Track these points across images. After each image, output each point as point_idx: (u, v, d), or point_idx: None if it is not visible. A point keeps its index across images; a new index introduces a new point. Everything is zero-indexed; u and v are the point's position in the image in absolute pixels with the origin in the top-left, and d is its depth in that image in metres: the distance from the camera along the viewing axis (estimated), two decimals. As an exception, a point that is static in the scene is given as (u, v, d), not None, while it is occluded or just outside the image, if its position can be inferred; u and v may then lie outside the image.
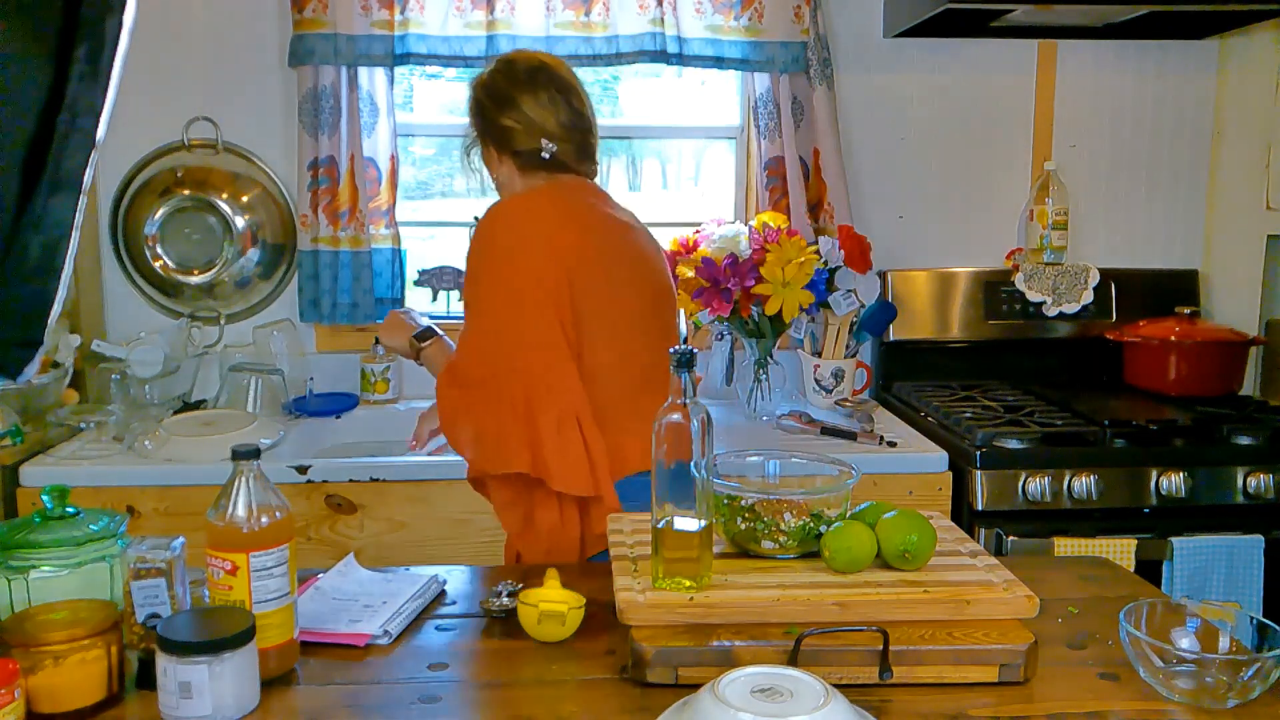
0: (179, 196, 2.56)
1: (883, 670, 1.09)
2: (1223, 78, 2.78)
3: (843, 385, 2.56)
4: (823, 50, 2.59)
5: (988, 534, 2.14)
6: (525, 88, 1.73)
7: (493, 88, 1.76)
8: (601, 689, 1.12)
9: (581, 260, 1.63)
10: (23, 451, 2.12)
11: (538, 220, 1.65)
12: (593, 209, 1.72)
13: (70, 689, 1.04)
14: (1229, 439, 2.23)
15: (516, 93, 1.73)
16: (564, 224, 1.65)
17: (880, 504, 1.31)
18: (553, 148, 1.72)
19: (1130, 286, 2.78)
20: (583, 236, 1.65)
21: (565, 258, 1.61)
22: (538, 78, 1.74)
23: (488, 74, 1.78)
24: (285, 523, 1.13)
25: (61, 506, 1.18)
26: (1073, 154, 2.82)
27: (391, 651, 1.21)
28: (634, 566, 1.26)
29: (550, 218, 1.66)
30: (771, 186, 2.64)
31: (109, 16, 0.87)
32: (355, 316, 2.59)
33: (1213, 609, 1.18)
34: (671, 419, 1.19)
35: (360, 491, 2.10)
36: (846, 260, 2.48)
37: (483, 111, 1.77)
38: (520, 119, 1.72)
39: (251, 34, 2.59)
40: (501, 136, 1.74)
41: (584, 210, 1.71)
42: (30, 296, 0.98)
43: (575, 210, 1.69)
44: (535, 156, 1.73)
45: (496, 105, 1.74)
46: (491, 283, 1.64)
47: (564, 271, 1.60)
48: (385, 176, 2.59)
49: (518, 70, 1.75)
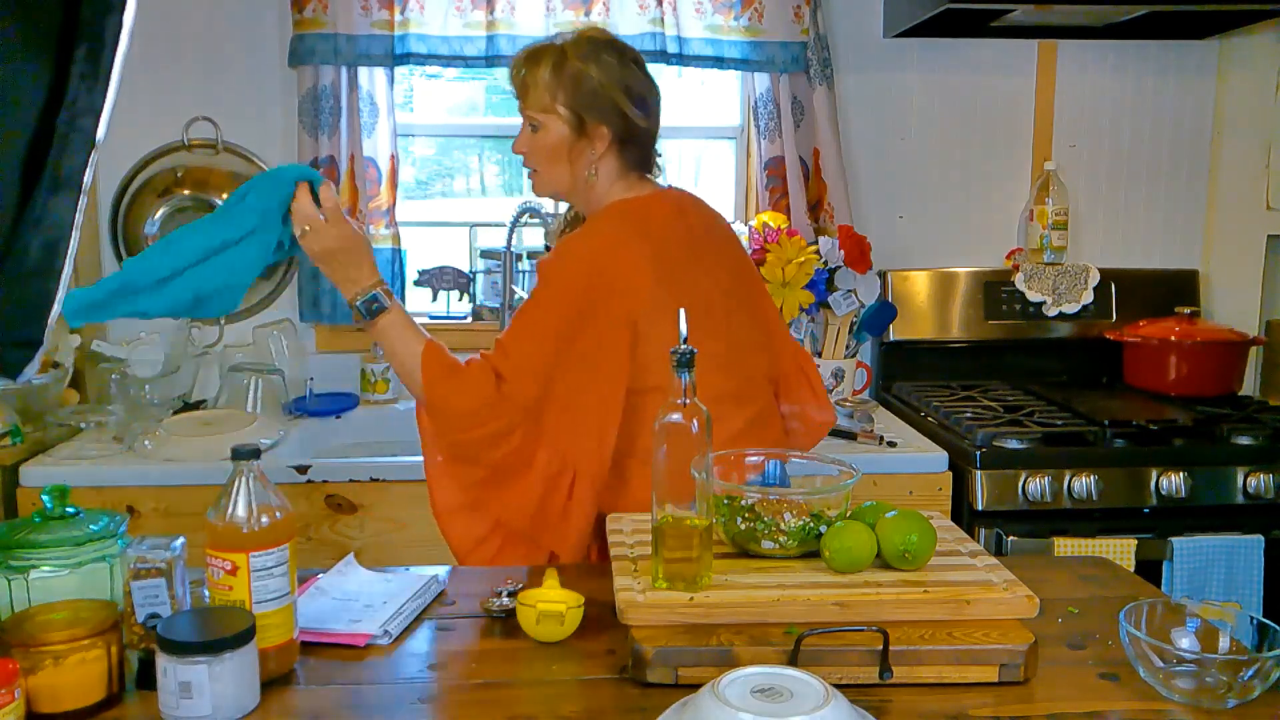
0: (179, 196, 2.56)
1: (883, 670, 1.09)
2: (1223, 78, 2.78)
3: (843, 385, 2.56)
4: (823, 50, 2.59)
5: (988, 534, 2.14)
6: (635, 68, 1.57)
7: (604, 65, 1.55)
8: (601, 689, 1.12)
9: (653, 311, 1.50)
10: (23, 451, 2.12)
11: (622, 270, 1.50)
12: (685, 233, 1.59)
13: (70, 689, 1.04)
14: (1229, 439, 2.23)
15: (629, 77, 1.56)
16: (654, 275, 1.50)
17: (880, 504, 1.31)
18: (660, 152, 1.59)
19: (1130, 286, 2.78)
20: (668, 289, 1.51)
21: (635, 313, 1.50)
22: (638, 59, 1.59)
23: (587, 46, 1.56)
24: (285, 523, 1.13)
25: (61, 506, 1.18)
26: (1073, 154, 2.82)
27: (391, 651, 1.21)
28: (634, 566, 1.26)
29: (628, 273, 1.50)
30: (771, 186, 2.64)
31: (109, 16, 0.87)
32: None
33: (1213, 609, 1.18)
34: (671, 419, 1.19)
35: (360, 491, 2.10)
36: (846, 260, 2.48)
37: (594, 91, 1.55)
38: (640, 105, 1.56)
39: (251, 34, 2.59)
40: (623, 125, 1.56)
41: (681, 255, 1.55)
42: (30, 296, 0.98)
43: (671, 258, 1.53)
44: (649, 156, 1.61)
45: (614, 85, 1.55)
46: (564, 322, 1.49)
47: (631, 326, 1.50)
48: (385, 176, 2.59)
49: (620, 48, 1.58)
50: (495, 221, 2.77)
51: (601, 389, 1.51)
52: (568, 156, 1.58)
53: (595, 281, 1.50)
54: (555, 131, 1.57)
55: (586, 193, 1.62)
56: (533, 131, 1.59)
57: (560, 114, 1.56)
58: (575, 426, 1.51)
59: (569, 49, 1.56)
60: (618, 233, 1.54)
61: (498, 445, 1.49)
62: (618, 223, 1.56)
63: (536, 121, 1.58)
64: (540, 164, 1.61)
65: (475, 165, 3.11)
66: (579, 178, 1.60)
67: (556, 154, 1.58)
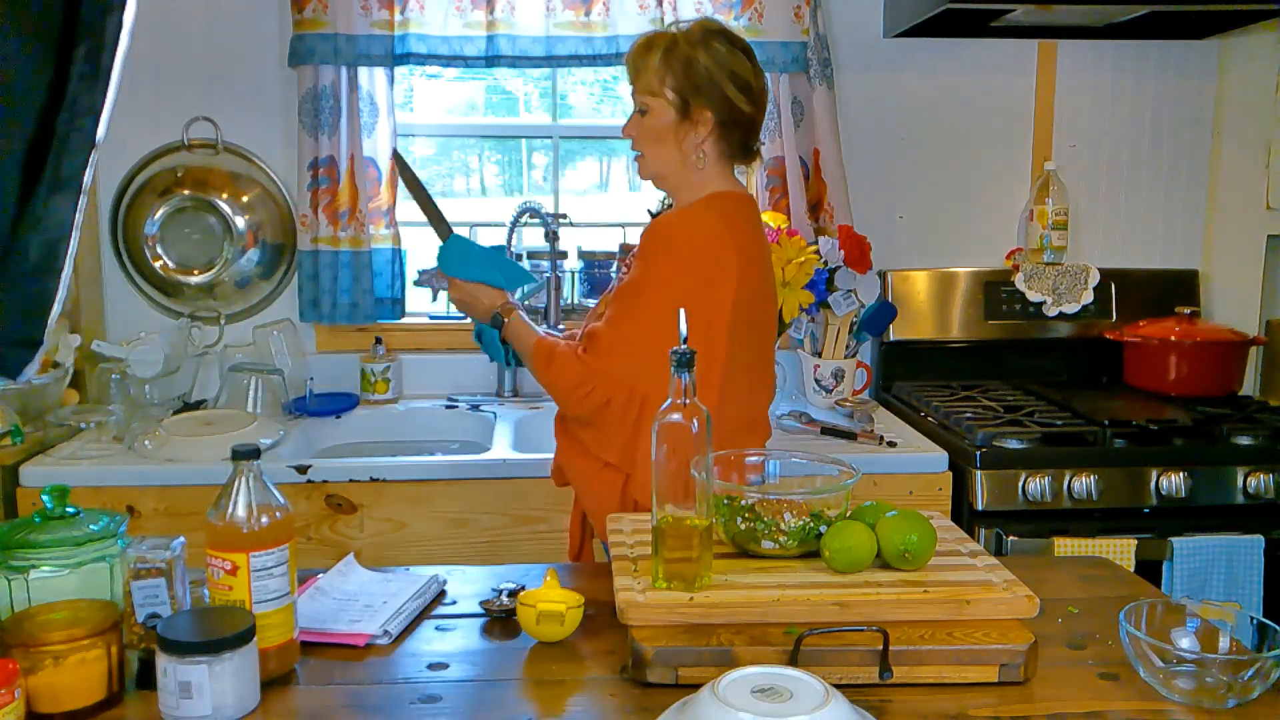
0: (179, 196, 2.56)
1: (883, 670, 1.09)
2: (1223, 78, 2.78)
3: (843, 385, 2.56)
4: (823, 50, 2.59)
5: (988, 534, 2.14)
6: (743, 56, 1.63)
7: (713, 51, 1.61)
8: (601, 689, 1.12)
9: (749, 304, 1.62)
10: (23, 451, 2.11)
11: (728, 251, 1.60)
12: (763, 239, 1.71)
13: (70, 689, 1.04)
14: (1229, 439, 2.23)
15: (735, 63, 1.62)
16: (745, 271, 1.61)
17: (880, 504, 1.31)
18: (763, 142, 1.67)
19: (1130, 286, 2.78)
20: (760, 283, 1.64)
21: (734, 295, 1.60)
22: (747, 49, 1.65)
23: (699, 34, 1.62)
24: (285, 523, 1.13)
25: (61, 506, 1.18)
26: (1073, 154, 2.82)
27: (391, 651, 1.21)
28: (634, 566, 1.26)
29: (733, 254, 1.60)
30: (771, 186, 2.64)
31: (109, 16, 0.87)
32: (355, 316, 2.59)
33: (1213, 609, 1.18)
34: (671, 419, 1.19)
35: (360, 491, 2.10)
36: (846, 260, 2.48)
37: (701, 75, 1.61)
38: (744, 90, 1.62)
39: (251, 34, 2.59)
40: (727, 109, 1.62)
41: (763, 245, 1.69)
42: (30, 296, 0.98)
43: (760, 247, 1.67)
44: (750, 143, 1.67)
45: (720, 70, 1.61)
46: (669, 290, 1.57)
47: (729, 310, 1.60)
48: (385, 176, 2.59)
49: (730, 36, 1.64)
50: (495, 221, 2.77)
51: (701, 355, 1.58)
52: (674, 138, 1.64)
53: (695, 266, 1.58)
54: (662, 114, 1.63)
55: (690, 176, 1.67)
56: (641, 115, 1.66)
57: (667, 97, 1.62)
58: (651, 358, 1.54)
59: (680, 36, 1.63)
60: (716, 222, 1.62)
61: (603, 413, 1.60)
62: (717, 211, 1.64)
63: (645, 105, 1.65)
64: (646, 146, 1.67)
65: (475, 165, 3.11)
66: (685, 161, 1.66)
67: (662, 136, 1.64)
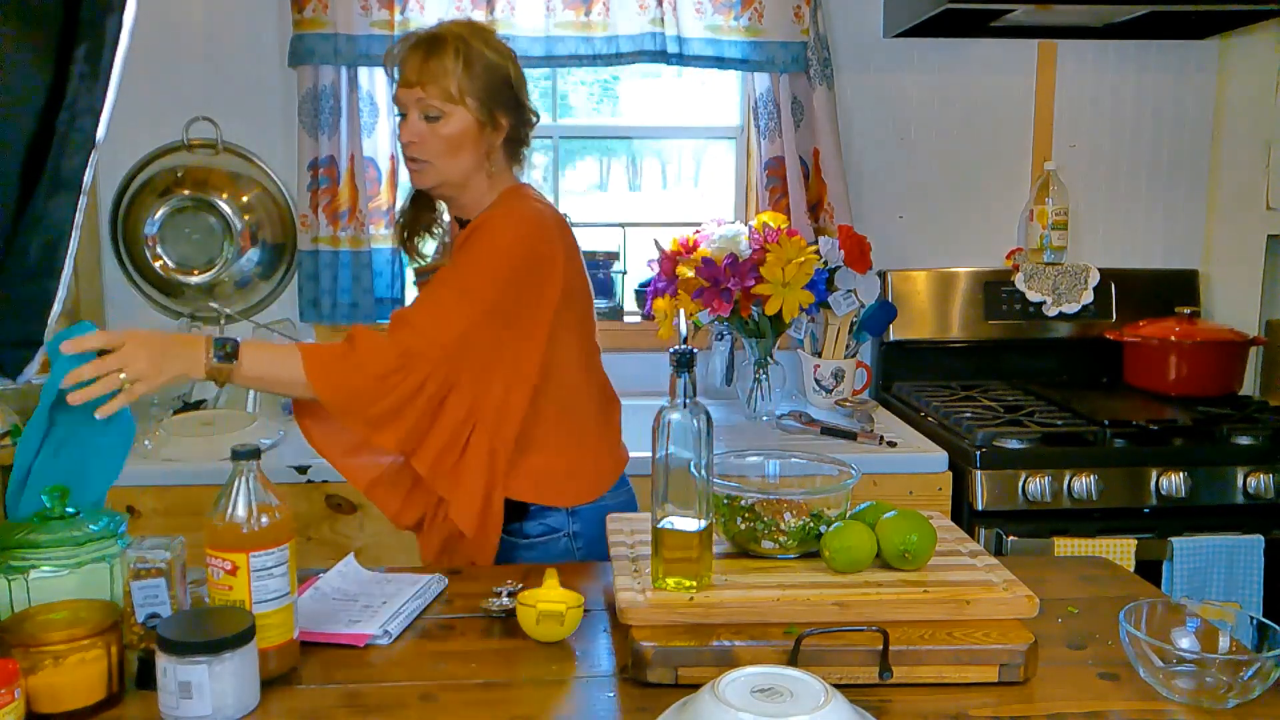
0: (179, 196, 2.56)
1: (883, 670, 1.09)
2: (1223, 78, 2.78)
3: (843, 385, 2.56)
4: (823, 50, 2.59)
5: (988, 534, 2.14)
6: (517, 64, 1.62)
7: (511, 57, 1.58)
8: (601, 689, 1.12)
9: (571, 288, 1.58)
10: (23, 451, 2.11)
11: (557, 243, 1.57)
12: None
13: (70, 689, 1.04)
14: (1229, 439, 2.23)
15: (517, 70, 1.60)
16: (570, 255, 1.59)
17: (880, 504, 1.31)
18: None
19: (1130, 286, 2.78)
20: (578, 266, 1.62)
21: (563, 284, 1.56)
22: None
23: (494, 40, 1.58)
24: (285, 523, 1.13)
25: (61, 506, 1.18)
26: (1073, 154, 2.82)
27: (391, 651, 1.21)
28: (634, 566, 1.26)
29: (561, 244, 1.57)
30: (771, 186, 2.64)
31: (109, 16, 0.87)
32: (355, 316, 2.59)
33: (1213, 609, 1.19)
34: (671, 419, 1.19)
35: (360, 492, 2.09)
36: (846, 260, 2.48)
37: (508, 81, 1.57)
38: (526, 99, 1.61)
39: (251, 34, 2.59)
40: (521, 117, 1.60)
41: (569, 229, 1.64)
42: (30, 296, 0.98)
43: (569, 230, 1.63)
44: (523, 146, 1.64)
45: (520, 79, 1.59)
46: (504, 285, 1.51)
47: (557, 298, 1.56)
48: (385, 176, 2.59)
49: (501, 41, 1.61)
50: (495, 221, 2.77)
51: (518, 346, 1.53)
52: (472, 146, 1.54)
53: (531, 251, 1.53)
54: (460, 121, 1.53)
55: (480, 182, 1.59)
56: (430, 121, 1.53)
57: (468, 105, 1.53)
58: (486, 374, 1.51)
59: (466, 37, 1.53)
60: (541, 211, 1.58)
61: (414, 399, 1.45)
62: (535, 203, 1.59)
63: (439, 111, 1.52)
64: (438, 156, 1.54)
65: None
66: (479, 167, 1.57)
67: (459, 144, 1.54)
